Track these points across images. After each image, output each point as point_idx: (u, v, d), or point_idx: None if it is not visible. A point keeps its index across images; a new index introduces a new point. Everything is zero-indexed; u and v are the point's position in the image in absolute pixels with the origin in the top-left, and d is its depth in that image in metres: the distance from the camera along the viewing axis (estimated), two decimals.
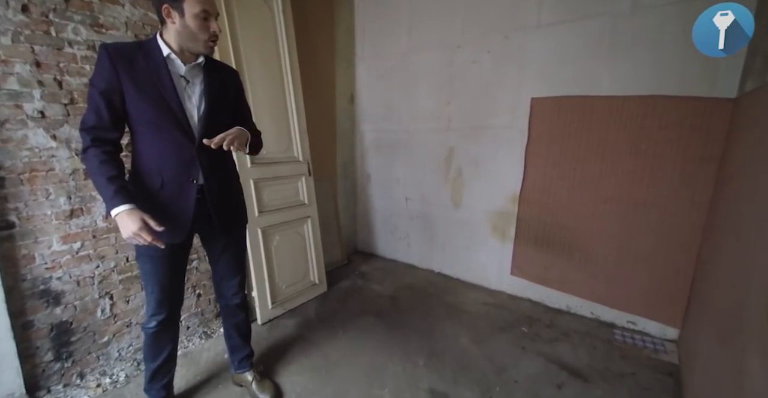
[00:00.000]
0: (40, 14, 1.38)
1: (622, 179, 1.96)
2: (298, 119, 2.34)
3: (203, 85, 1.17)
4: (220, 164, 1.27)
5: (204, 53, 1.14)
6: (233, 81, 1.31)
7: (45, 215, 1.45)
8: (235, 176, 1.39)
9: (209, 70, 1.20)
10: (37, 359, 1.49)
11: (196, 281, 2.02)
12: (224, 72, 1.28)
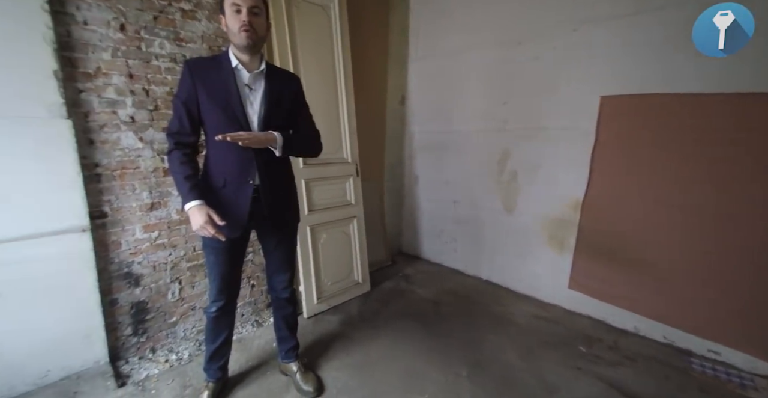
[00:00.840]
0: (134, 32, 1.59)
1: (707, 188, 1.71)
2: (349, 121, 2.41)
3: (263, 91, 1.25)
4: (276, 166, 1.33)
5: (241, 44, 1.17)
6: (292, 86, 1.36)
7: (131, 207, 1.67)
8: (289, 178, 1.44)
9: (270, 77, 1.27)
10: (119, 332, 1.71)
11: (251, 273, 2.16)
12: (284, 78, 1.34)
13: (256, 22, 1.16)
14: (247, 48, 1.18)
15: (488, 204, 2.66)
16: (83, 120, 1.51)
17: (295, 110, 1.38)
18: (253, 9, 1.15)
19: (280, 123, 1.30)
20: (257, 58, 1.25)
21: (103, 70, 1.52)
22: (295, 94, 1.37)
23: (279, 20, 1.99)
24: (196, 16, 1.79)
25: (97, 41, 1.49)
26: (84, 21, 1.46)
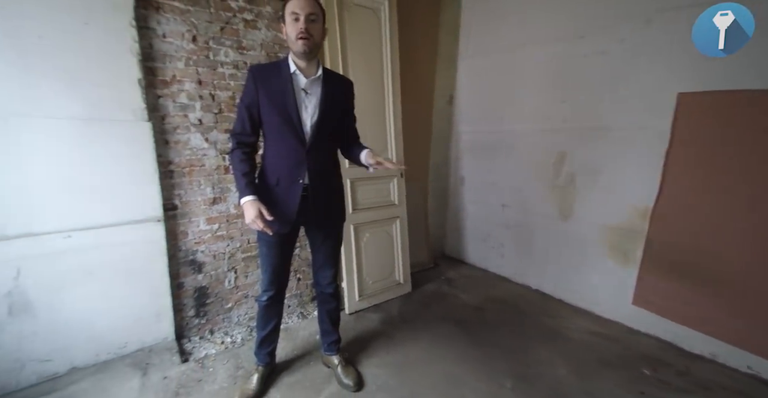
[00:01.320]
0: (203, 42, 1.75)
1: None
2: (395, 122, 2.42)
3: (319, 96, 1.31)
4: (325, 168, 1.38)
5: (298, 51, 1.22)
6: (346, 91, 1.42)
7: (196, 201, 1.84)
8: (337, 179, 1.48)
9: (326, 83, 1.32)
10: (184, 313, 1.90)
11: (297, 267, 2.27)
12: (339, 83, 1.40)
13: (313, 28, 1.21)
14: (304, 55, 1.23)
15: (541, 209, 2.51)
16: (160, 123, 1.70)
17: (346, 114, 1.44)
18: (310, 16, 1.19)
19: (332, 126, 1.36)
20: (314, 64, 1.30)
21: (178, 77, 1.70)
22: (347, 99, 1.43)
23: (331, 24, 2.06)
24: (257, 25, 1.92)
25: (173, 52, 1.68)
26: (163, 34, 1.65)
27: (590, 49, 2.13)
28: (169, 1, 1.65)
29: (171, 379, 1.60)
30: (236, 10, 1.84)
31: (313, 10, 1.20)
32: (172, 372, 1.64)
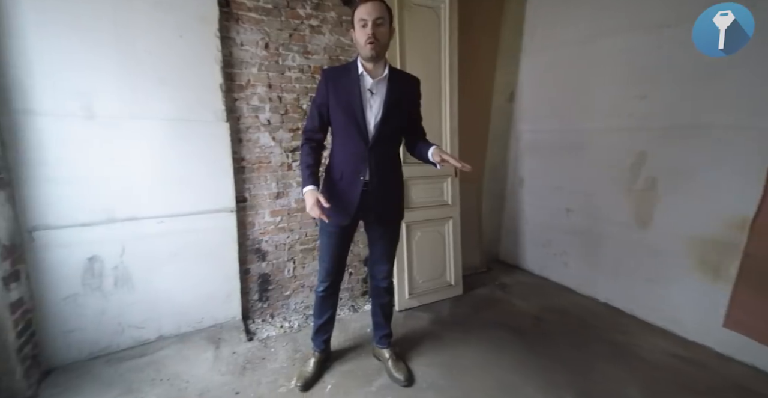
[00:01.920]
0: (274, 49, 1.91)
1: None
2: (451, 121, 2.39)
3: (384, 96, 1.35)
4: (386, 165, 1.42)
5: (366, 56, 1.28)
6: (411, 90, 1.45)
7: (263, 195, 2.02)
8: (397, 178, 1.50)
9: (392, 82, 1.36)
10: (249, 297, 2.09)
11: (350, 262, 2.35)
12: (405, 82, 1.42)
13: (379, 32, 1.25)
14: (371, 58, 1.29)
15: (613, 215, 2.29)
16: (235, 123, 1.89)
17: (412, 112, 1.47)
18: (377, 20, 1.24)
19: (395, 125, 1.40)
20: (381, 65, 1.34)
21: (251, 82, 1.88)
22: (413, 97, 1.46)
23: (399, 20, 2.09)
24: (321, 30, 2.04)
25: (248, 59, 1.85)
26: (241, 43, 1.83)
27: (679, 38, 1.89)
28: (247, 13, 1.82)
29: (239, 354, 1.77)
30: (304, 17, 1.98)
31: (380, 14, 1.24)
32: (239, 348, 1.81)
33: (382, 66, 1.35)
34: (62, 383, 1.53)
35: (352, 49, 2.16)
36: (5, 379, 1.37)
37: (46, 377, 1.55)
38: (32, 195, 1.48)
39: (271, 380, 1.59)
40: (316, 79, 2.08)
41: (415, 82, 1.46)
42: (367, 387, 1.58)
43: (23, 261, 1.49)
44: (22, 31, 1.38)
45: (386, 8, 1.27)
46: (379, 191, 1.40)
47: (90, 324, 1.65)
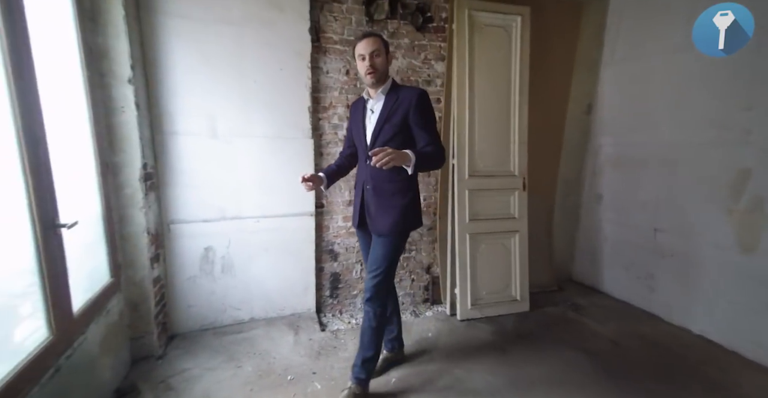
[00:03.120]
0: (353, 74, 2.18)
1: None
2: (520, 134, 2.39)
3: (379, 113, 1.47)
4: (382, 178, 1.48)
5: (368, 83, 1.46)
6: (409, 100, 1.41)
7: (337, 202, 2.28)
8: (397, 190, 1.48)
9: (388, 99, 1.45)
10: (322, 292, 2.35)
11: (412, 268, 2.48)
12: (401, 96, 1.43)
13: (377, 62, 1.40)
14: (372, 85, 1.46)
15: (710, 237, 2.04)
16: (318, 139, 2.19)
17: (411, 123, 1.42)
18: (373, 53, 1.39)
19: (387, 138, 1.44)
20: (380, 87, 1.46)
21: (333, 104, 2.17)
22: (411, 108, 1.40)
23: (460, 44, 2.21)
24: (395, 55, 2.25)
25: (331, 84, 2.15)
26: (327, 71, 2.13)
27: None
28: (333, 45, 2.12)
29: (314, 341, 2.01)
30: None
31: (375, 47, 1.39)
32: (315, 336, 2.06)
33: (382, 87, 1.46)
34: (182, 347, 1.93)
35: (423, 69, 2.34)
36: (146, 337, 1.80)
37: (170, 341, 1.98)
38: (171, 196, 1.93)
39: (342, 366, 1.78)
40: None
41: (414, 93, 1.42)
42: (429, 385, 1.67)
43: (162, 247, 1.94)
44: (169, 72, 1.84)
45: (381, 41, 1.42)
46: (374, 201, 1.51)
47: (203, 301, 2.06)
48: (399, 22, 2.24)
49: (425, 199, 2.51)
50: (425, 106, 1.44)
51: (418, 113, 1.41)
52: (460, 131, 2.28)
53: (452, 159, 2.34)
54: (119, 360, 1.63)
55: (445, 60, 2.37)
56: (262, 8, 1.92)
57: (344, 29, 2.12)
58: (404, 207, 1.49)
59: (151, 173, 1.79)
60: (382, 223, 1.49)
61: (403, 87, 1.49)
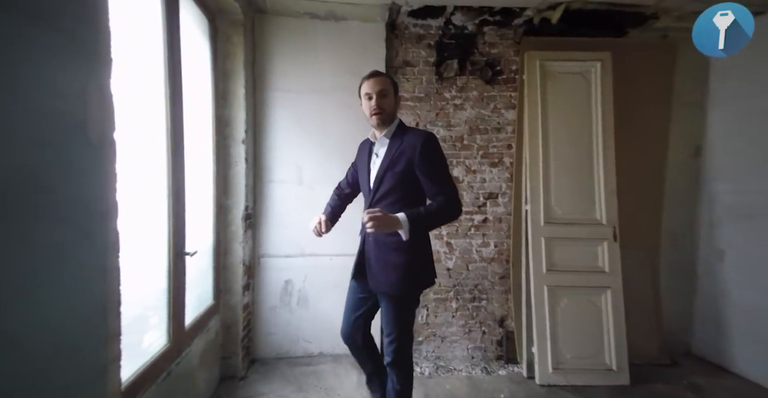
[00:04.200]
0: (423, 126, 2.36)
1: None
2: (606, 179, 2.20)
3: (383, 157, 1.37)
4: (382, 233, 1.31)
5: (373, 124, 1.37)
6: (412, 148, 1.30)
7: None
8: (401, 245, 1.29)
9: (392, 142, 1.36)
10: None
11: (483, 319, 2.34)
12: (405, 140, 1.34)
13: (384, 103, 1.33)
14: (378, 126, 1.38)
15: None
16: None
17: (417, 171, 1.30)
18: (381, 92, 1.33)
19: (389, 186, 1.34)
20: (385, 129, 1.38)
21: None
22: (415, 155, 1.29)
23: (531, 92, 2.25)
24: (464, 106, 2.39)
25: None
26: None
27: None
28: (405, 102, 2.37)
29: None
30: (449, 98, 2.39)
31: (383, 87, 1.33)
32: None
33: (387, 130, 1.38)
34: (261, 372, 2.12)
35: (492, 118, 2.41)
36: (233, 358, 2.04)
37: (252, 365, 2.19)
38: (264, 233, 2.27)
39: None
40: (458, 147, 2.40)
41: (419, 137, 1.32)
42: None
43: (253, 277, 2.25)
44: (270, 133, 2.28)
45: (390, 81, 1.38)
46: (375, 254, 1.36)
47: (280, 330, 2.27)
48: (468, 77, 2.40)
49: (496, 245, 2.42)
50: (431, 150, 1.31)
51: (423, 160, 1.29)
52: (533, 177, 2.22)
53: (525, 205, 2.27)
54: (212, 375, 1.87)
55: (516, 108, 2.41)
56: (345, 78, 2.29)
57: (415, 88, 2.37)
58: (407, 266, 1.32)
59: (251, 213, 2.16)
60: (382, 280, 1.34)
61: (411, 130, 1.38)
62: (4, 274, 0.49)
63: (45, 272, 0.56)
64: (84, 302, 0.64)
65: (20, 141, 0.51)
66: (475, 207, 2.42)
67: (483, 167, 2.43)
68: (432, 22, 2.33)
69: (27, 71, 0.51)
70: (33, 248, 0.54)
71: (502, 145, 2.44)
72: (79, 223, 0.62)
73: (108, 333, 0.71)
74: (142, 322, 1.35)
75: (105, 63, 0.67)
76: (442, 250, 2.39)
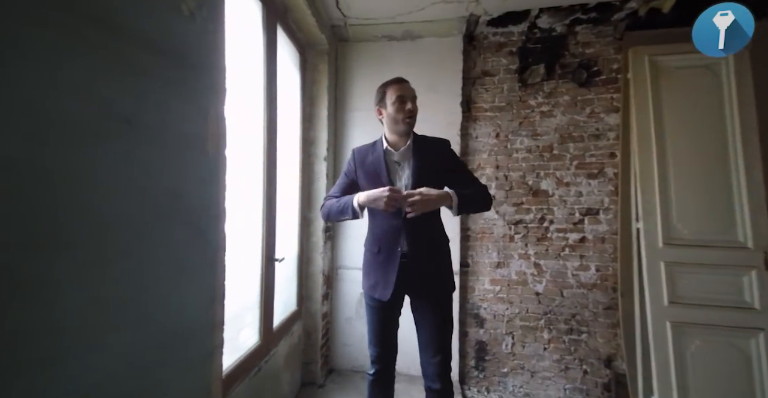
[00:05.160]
0: (504, 137, 2.22)
1: None
2: (750, 194, 1.72)
3: (411, 165, 1.32)
4: (424, 234, 1.31)
5: (402, 130, 1.30)
6: (441, 151, 1.36)
7: (483, 263, 2.19)
8: (441, 246, 1.37)
9: (417, 151, 1.32)
10: (466, 361, 2.18)
11: (583, 356, 1.98)
12: (432, 147, 1.35)
13: (415, 108, 1.31)
14: (407, 133, 1.32)
15: None
16: None
17: (448, 172, 1.36)
18: (414, 98, 1.32)
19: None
20: (405, 137, 1.34)
21: (481, 165, 2.24)
22: (444, 158, 1.36)
23: (639, 92, 1.94)
24: (553, 113, 2.18)
25: (480, 147, 2.25)
26: (476, 136, 2.27)
27: None
28: (484, 113, 2.27)
29: None
30: (534, 106, 2.21)
31: (414, 94, 1.33)
32: None
33: (406, 138, 1.33)
34: (338, 382, 2.16)
35: (589, 124, 2.14)
36: (313, 365, 2.13)
37: (329, 374, 2.25)
38: (341, 245, 2.37)
39: None
40: (546, 157, 2.17)
41: (442, 143, 1.39)
42: None
43: (331, 287, 2.35)
44: (347, 150, 2.39)
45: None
46: (419, 262, 1.30)
47: (356, 343, 2.29)
48: (557, 82, 2.19)
49: (598, 269, 2.08)
50: (454, 152, 1.44)
51: (453, 161, 1.39)
52: (646, 190, 1.88)
53: (636, 222, 1.91)
54: (294, 379, 1.98)
55: (620, 111, 2.10)
56: (422, 92, 2.26)
57: (495, 97, 2.25)
58: (449, 261, 1.40)
59: (330, 226, 2.29)
60: (438, 280, 1.33)
61: (423, 136, 1.39)
62: (153, 262, 0.60)
63: (174, 262, 0.66)
64: (198, 291, 0.74)
65: (167, 156, 0.64)
66: (569, 224, 2.13)
67: (578, 179, 2.14)
68: (513, 28, 2.22)
69: (174, 104, 0.65)
70: (171, 242, 0.65)
71: (603, 153, 2.12)
72: (200, 224, 0.73)
73: (214, 322, 0.79)
74: (239, 319, 1.50)
75: (221, 92, 0.80)
76: (529, 271, 2.14)
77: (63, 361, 0.45)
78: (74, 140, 0.46)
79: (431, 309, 1.32)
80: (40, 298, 0.42)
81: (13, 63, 0.39)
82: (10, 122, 0.39)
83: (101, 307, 0.50)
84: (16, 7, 0.39)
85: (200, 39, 0.72)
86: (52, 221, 0.44)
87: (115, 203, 0.52)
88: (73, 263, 0.46)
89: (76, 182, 0.46)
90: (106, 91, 0.50)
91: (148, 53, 0.58)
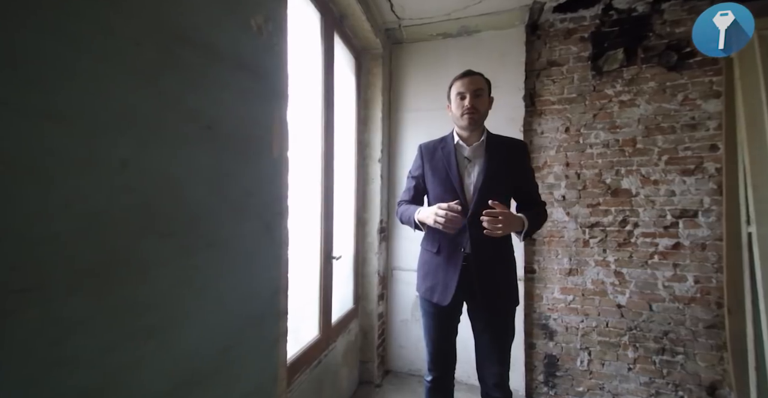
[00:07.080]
0: (575, 131, 2.01)
1: None
2: None
3: (482, 162, 1.27)
4: (491, 237, 1.18)
5: (463, 125, 1.27)
6: (515, 153, 1.32)
7: (552, 269, 2.00)
8: (506, 251, 1.29)
9: (490, 148, 1.29)
10: (533, 375, 2.00)
11: (680, 381, 1.70)
12: (507, 147, 1.31)
13: (479, 103, 1.25)
14: (468, 127, 1.28)
15: None
16: None
17: (517, 177, 1.31)
18: (476, 92, 1.25)
19: (498, 192, 1.25)
20: (477, 133, 1.30)
21: (548, 163, 2.06)
22: (517, 161, 1.32)
23: (746, 73, 1.63)
24: (635, 102, 1.93)
25: (547, 143, 2.07)
26: (541, 132, 2.09)
27: None
28: (550, 106, 2.09)
29: None
30: (612, 95, 1.97)
31: (478, 86, 1.25)
32: None
33: (479, 134, 1.30)
34: (394, 383, 2.15)
35: (681, 112, 1.85)
36: (370, 364, 2.14)
37: (386, 375, 2.24)
38: (396, 246, 2.35)
39: None
40: (627, 152, 1.93)
41: (520, 146, 1.35)
42: None
43: (386, 288, 2.35)
44: (402, 150, 2.36)
45: (485, 80, 1.29)
46: (482, 266, 1.23)
47: (411, 345, 2.25)
48: (640, 67, 1.94)
49: (698, 281, 1.79)
50: (529, 158, 1.40)
51: (526, 165, 1.35)
52: (759, 185, 1.56)
53: (747, 226, 1.61)
54: (352, 376, 2.01)
55: (722, 97, 1.78)
56: None
57: (563, 89, 2.06)
58: (514, 269, 1.32)
59: (384, 227, 2.29)
60: (501, 290, 1.26)
61: (498, 136, 1.35)
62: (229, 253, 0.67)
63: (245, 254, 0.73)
64: (266, 282, 0.80)
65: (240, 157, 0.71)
66: (658, 228, 1.85)
67: (669, 176, 1.86)
68: (585, 12, 2.02)
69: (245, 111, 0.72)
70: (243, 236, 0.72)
71: (701, 146, 1.82)
72: (267, 220, 0.79)
73: (279, 311, 0.85)
74: (300, 313, 1.58)
75: (284, 98, 0.87)
76: (609, 280, 1.91)
77: (165, 331, 0.52)
78: (169, 144, 0.53)
79: (493, 318, 1.27)
80: (149, 276, 0.49)
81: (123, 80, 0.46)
82: (121, 128, 0.46)
83: (192, 289, 0.57)
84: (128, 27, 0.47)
85: (267, 51, 0.78)
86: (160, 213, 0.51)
87: (202, 200, 0.59)
88: (173, 250, 0.53)
89: (173, 181, 0.54)
90: (192, 101, 0.57)
91: (225, 66, 0.65)
